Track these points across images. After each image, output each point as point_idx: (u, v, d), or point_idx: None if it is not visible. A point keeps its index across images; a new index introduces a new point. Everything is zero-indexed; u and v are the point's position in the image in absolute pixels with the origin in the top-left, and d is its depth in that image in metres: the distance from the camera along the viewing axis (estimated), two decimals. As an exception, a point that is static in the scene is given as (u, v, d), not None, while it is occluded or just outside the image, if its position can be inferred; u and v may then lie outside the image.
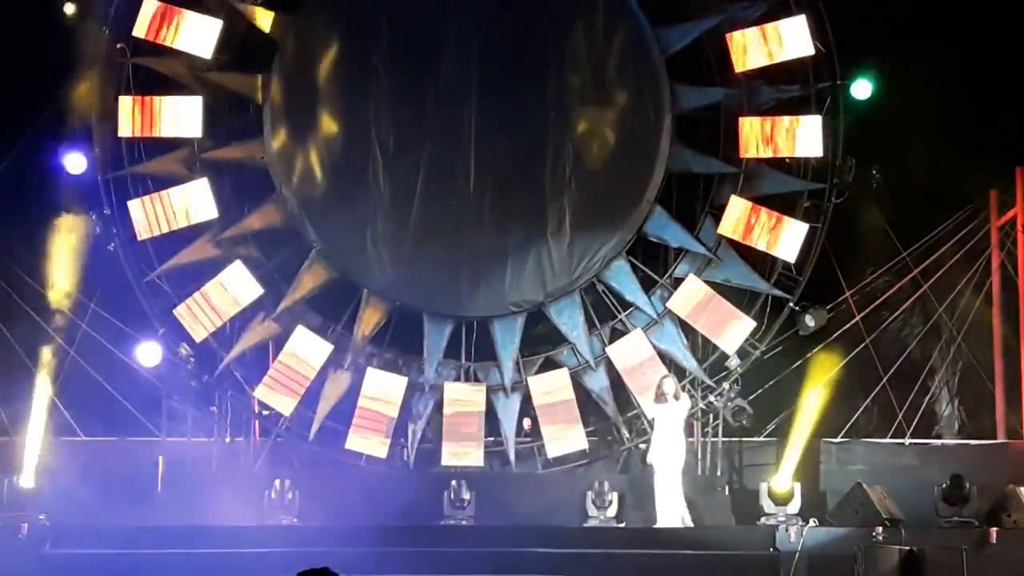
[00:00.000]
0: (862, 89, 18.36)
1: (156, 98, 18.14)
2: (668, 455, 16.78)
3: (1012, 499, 16.84)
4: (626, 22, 18.38)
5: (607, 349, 18.38)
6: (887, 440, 18.86)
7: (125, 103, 18.07)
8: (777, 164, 18.50)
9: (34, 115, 18.39)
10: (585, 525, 16.89)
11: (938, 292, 19.35)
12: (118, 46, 18.12)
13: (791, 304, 18.16)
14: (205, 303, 18.06)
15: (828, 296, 18.90)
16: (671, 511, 16.65)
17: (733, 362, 18.10)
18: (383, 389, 18.11)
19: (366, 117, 18.22)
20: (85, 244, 18.16)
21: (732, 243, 18.37)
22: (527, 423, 18.63)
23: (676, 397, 16.96)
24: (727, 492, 17.97)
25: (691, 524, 16.68)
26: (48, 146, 18.33)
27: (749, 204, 18.22)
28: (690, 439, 18.30)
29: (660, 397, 16.99)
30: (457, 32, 18.30)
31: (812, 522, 16.07)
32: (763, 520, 16.59)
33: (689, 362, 18.33)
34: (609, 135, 18.34)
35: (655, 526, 16.60)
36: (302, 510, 16.86)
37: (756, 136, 18.18)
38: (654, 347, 18.25)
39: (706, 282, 18.31)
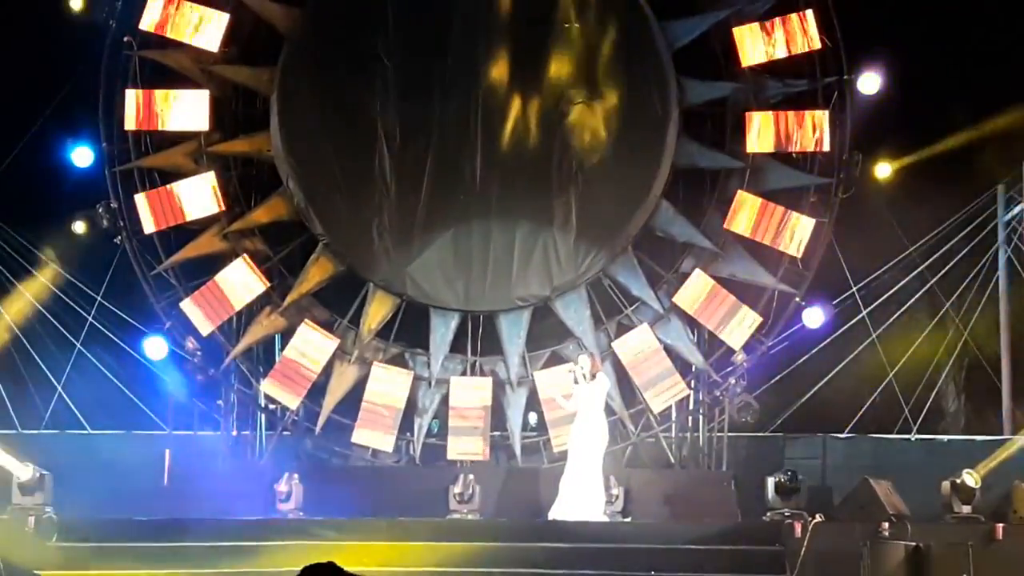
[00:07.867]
0: (869, 83, 18.34)
1: (163, 91, 18.14)
2: (589, 439, 16.28)
3: (1018, 495, 16.81)
4: (633, 15, 18.34)
5: (613, 344, 18.37)
6: (893, 436, 18.86)
7: (132, 97, 18.08)
8: (783, 158, 18.47)
9: (41, 109, 18.41)
10: (591, 520, 16.88)
11: (945, 287, 19.34)
12: (125, 39, 18.12)
13: (798, 299, 18.13)
14: (212, 296, 18.06)
15: (835, 291, 18.89)
16: (582, 501, 16.11)
17: (739, 357, 18.08)
18: (389, 383, 18.12)
19: (373, 110, 18.20)
20: (92, 238, 18.18)
21: (738, 238, 18.34)
22: (533, 417, 18.63)
23: (595, 377, 16.50)
24: (733, 487, 17.95)
25: (606, 518, 16.27)
26: (55, 140, 18.36)
27: (756, 198, 18.19)
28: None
29: (580, 377, 16.40)
30: (463, 25, 18.28)
31: (818, 517, 16.06)
32: (769, 515, 16.58)
33: (695, 357, 18.32)
34: (616, 129, 18.29)
35: (550, 517, 16.16)
36: (308, 503, 16.88)
37: (768, 128, 18.16)
38: (660, 342, 18.23)
39: (712, 277, 18.28)
